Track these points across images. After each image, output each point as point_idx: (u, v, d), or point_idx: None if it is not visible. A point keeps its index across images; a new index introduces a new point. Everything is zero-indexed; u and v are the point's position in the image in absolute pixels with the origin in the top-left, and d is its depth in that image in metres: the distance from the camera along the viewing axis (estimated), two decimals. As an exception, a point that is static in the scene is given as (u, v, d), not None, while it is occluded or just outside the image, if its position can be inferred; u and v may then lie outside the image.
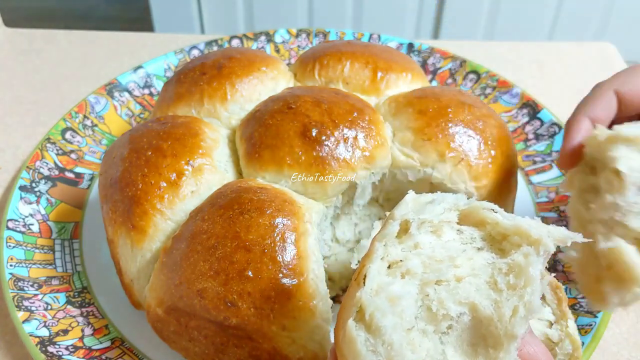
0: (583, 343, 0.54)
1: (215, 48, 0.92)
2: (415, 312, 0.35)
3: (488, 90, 0.86)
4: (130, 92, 0.85)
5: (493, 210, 0.38)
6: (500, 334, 0.34)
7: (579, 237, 0.36)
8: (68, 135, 0.78)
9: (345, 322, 0.34)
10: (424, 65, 0.91)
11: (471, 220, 0.38)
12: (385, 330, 0.33)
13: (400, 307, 0.34)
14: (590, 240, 0.44)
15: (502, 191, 0.61)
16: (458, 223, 0.38)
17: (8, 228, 0.65)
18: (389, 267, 0.36)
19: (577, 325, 0.55)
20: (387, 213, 0.51)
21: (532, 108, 0.82)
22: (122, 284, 0.59)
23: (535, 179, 0.75)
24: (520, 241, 0.36)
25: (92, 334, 0.58)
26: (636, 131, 0.48)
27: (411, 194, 0.38)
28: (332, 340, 0.55)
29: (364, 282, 0.34)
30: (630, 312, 0.63)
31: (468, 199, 0.39)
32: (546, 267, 0.64)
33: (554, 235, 0.36)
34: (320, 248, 0.54)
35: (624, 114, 0.55)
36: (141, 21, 2.17)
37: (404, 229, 0.37)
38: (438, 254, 0.36)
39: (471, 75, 0.88)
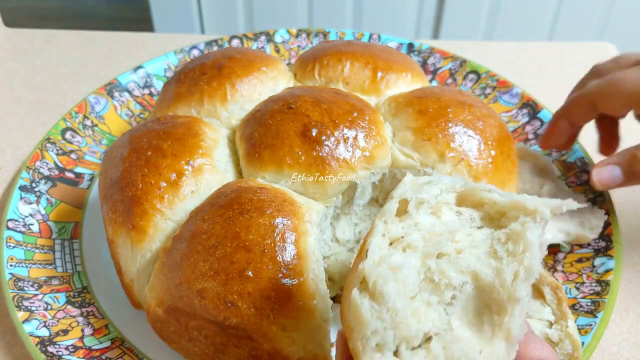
0: (583, 343, 0.54)
1: (215, 48, 0.92)
2: (417, 282, 0.35)
3: (488, 90, 0.86)
4: (130, 92, 0.85)
5: (490, 190, 0.38)
6: (503, 299, 0.34)
7: (573, 205, 0.37)
8: (68, 135, 0.78)
9: (349, 292, 0.34)
10: (424, 65, 0.91)
11: (469, 202, 0.39)
12: (389, 296, 0.33)
13: (402, 275, 0.34)
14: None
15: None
16: (456, 205, 0.39)
17: (8, 228, 0.65)
18: (390, 244, 0.37)
19: (577, 325, 0.55)
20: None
21: (532, 108, 0.82)
22: (122, 284, 0.59)
23: (535, 179, 0.75)
24: (517, 214, 0.37)
25: (92, 334, 0.58)
26: None
27: (409, 175, 0.40)
28: (333, 340, 0.55)
29: (366, 255, 0.35)
30: (630, 312, 0.63)
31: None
32: (546, 268, 0.64)
33: (550, 204, 0.37)
34: (320, 248, 0.54)
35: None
36: (141, 21, 2.17)
37: (403, 208, 0.38)
38: (438, 229, 0.37)
39: (471, 75, 0.88)
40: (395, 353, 0.33)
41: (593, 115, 0.64)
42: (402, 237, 0.37)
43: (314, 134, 0.57)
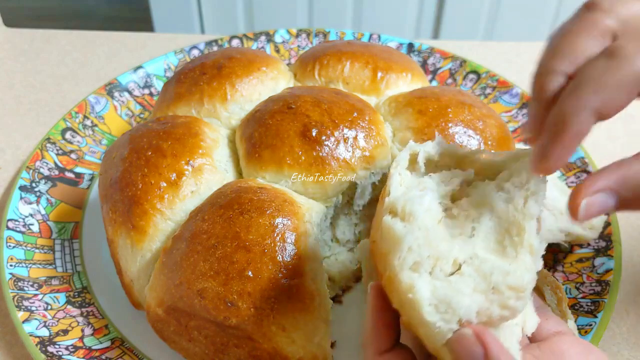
0: (583, 343, 0.54)
1: (215, 48, 0.92)
2: (440, 212, 0.39)
3: (488, 90, 0.86)
4: (130, 92, 0.85)
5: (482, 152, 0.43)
6: (519, 220, 0.37)
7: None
8: (68, 135, 0.78)
9: (378, 225, 0.38)
10: (424, 65, 0.91)
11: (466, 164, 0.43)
12: (418, 214, 0.36)
13: (426, 200, 0.38)
14: None
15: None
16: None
17: (8, 228, 0.65)
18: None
19: (577, 326, 0.55)
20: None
21: (532, 108, 0.82)
22: (122, 284, 0.59)
23: (535, 179, 0.75)
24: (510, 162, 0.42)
25: (92, 334, 0.58)
26: None
27: (411, 142, 0.43)
28: (332, 339, 0.55)
29: (389, 193, 0.38)
30: (630, 312, 0.63)
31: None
32: (546, 268, 0.64)
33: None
34: (320, 248, 0.54)
35: None
36: (141, 21, 2.17)
37: (413, 161, 0.42)
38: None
39: (471, 75, 0.88)
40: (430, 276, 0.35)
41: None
42: (417, 184, 0.40)
43: (314, 134, 0.57)
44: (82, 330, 0.58)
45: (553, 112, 0.38)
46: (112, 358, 0.56)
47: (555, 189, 0.70)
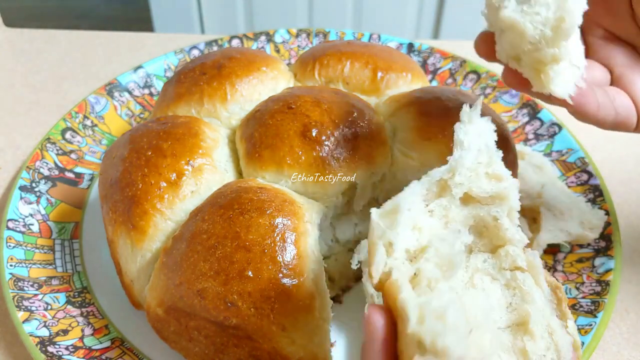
0: (583, 343, 0.54)
1: (215, 48, 0.92)
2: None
3: (488, 90, 0.86)
4: (130, 92, 0.85)
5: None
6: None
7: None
8: (68, 135, 0.78)
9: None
10: (424, 65, 0.91)
11: (442, 191, 0.41)
12: (449, 346, 0.32)
13: (451, 318, 0.33)
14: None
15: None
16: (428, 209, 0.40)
17: (8, 228, 0.65)
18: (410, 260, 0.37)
19: (577, 325, 0.55)
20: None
21: (532, 108, 0.82)
22: (122, 284, 0.59)
23: (535, 179, 0.75)
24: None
25: (92, 334, 0.58)
26: None
27: (374, 211, 0.37)
28: (332, 339, 0.55)
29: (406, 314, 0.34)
30: (630, 312, 0.63)
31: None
32: (546, 268, 0.64)
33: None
34: (320, 248, 0.54)
35: None
36: (141, 21, 2.17)
37: (389, 250, 0.37)
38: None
39: (471, 75, 0.88)
40: None
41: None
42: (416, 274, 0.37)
43: (314, 134, 0.57)
44: (82, 330, 0.58)
45: None
46: (112, 358, 0.56)
47: (555, 189, 0.70)
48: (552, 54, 0.43)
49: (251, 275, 0.48)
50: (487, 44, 0.52)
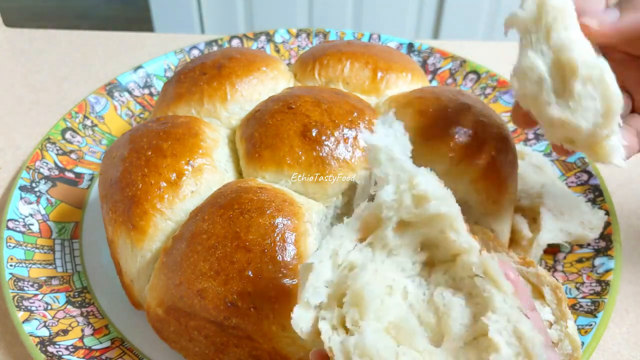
0: (583, 343, 0.54)
1: (215, 48, 0.92)
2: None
3: (488, 90, 0.86)
4: (130, 92, 0.85)
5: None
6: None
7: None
8: (68, 135, 0.78)
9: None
10: (424, 65, 0.91)
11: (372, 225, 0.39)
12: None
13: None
14: None
15: (501, 192, 0.61)
16: (360, 240, 0.39)
17: (8, 228, 0.65)
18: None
19: (577, 325, 0.55)
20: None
21: (532, 108, 0.82)
22: (122, 284, 0.59)
23: (535, 179, 0.75)
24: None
25: (92, 334, 0.58)
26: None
27: (300, 267, 0.38)
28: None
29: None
30: (630, 312, 0.63)
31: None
32: (546, 268, 0.64)
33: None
34: (320, 248, 0.54)
35: None
36: (141, 21, 2.17)
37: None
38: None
39: (471, 75, 0.88)
40: None
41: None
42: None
43: (314, 134, 0.57)
44: (82, 330, 0.58)
45: None
46: (112, 358, 0.56)
47: (555, 189, 0.70)
48: (607, 134, 0.46)
49: (251, 275, 0.48)
50: (524, 117, 0.53)
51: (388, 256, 0.39)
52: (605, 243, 0.64)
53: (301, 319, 0.38)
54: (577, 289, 0.61)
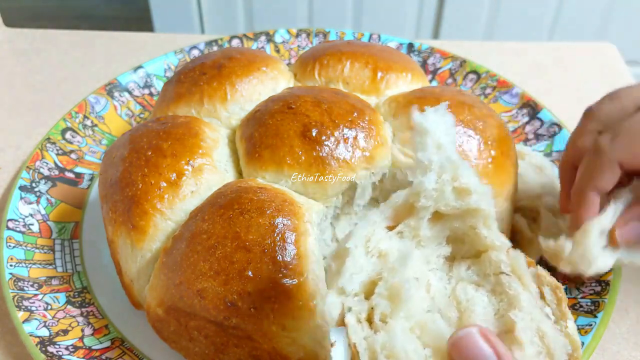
0: (583, 343, 0.54)
1: (215, 48, 0.92)
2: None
3: (488, 90, 0.86)
4: (130, 92, 0.85)
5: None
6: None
7: None
8: (68, 135, 0.78)
9: None
10: (424, 65, 0.91)
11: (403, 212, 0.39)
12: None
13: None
14: None
15: (501, 192, 0.61)
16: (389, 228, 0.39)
17: (8, 228, 0.65)
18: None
19: (577, 325, 0.55)
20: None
21: (532, 108, 0.82)
22: (122, 284, 0.59)
23: (535, 179, 0.75)
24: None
25: (92, 334, 0.58)
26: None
27: (328, 258, 0.37)
28: (332, 340, 0.54)
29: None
30: (630, 312, 0.63)
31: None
32: (547, 268, 0.64)
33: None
34: (320, 248, 0.54)
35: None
36: (141, 21, 2.17)
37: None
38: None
39: (471, 75, 0.88)
40: None
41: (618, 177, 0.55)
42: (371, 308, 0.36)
43: (314, 134, 0.57)
44: (82, 330, 0.58)
45: (572, 194, 0.56)
46: (112, 358, 0.56)
47: (555, 189, 0.70)
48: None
49: (251, 275, 0.48)
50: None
51: (416, 247, 0.38)
52: (605, 243, 0.64)
53: (334, 306, 0.35)
54: (577, 289, 0.61)
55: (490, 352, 0.32)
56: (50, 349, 0.54)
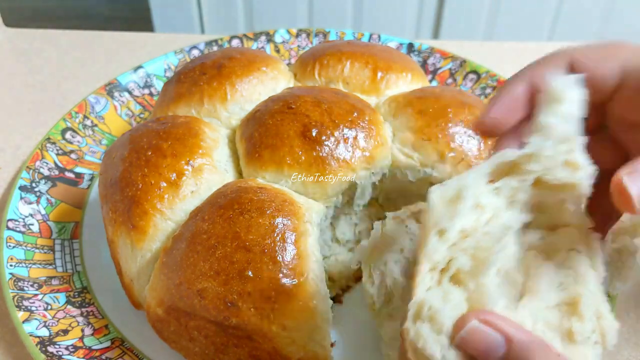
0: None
1: (215, 48, 0.92)
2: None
3: (488, 90, 0.86)
4: (130, 92, 0.85)
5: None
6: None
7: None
8: (68, 135, 0.78)
9: None
10: (424, 65, 0.91)
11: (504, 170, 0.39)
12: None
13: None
14: None
15: (502, 191, 0.61)
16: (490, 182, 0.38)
17: (8, 228, 0.65)
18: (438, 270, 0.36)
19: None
20: (387, 213, 0.51)
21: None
22: (122, 284, 0.59)
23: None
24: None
25: (92, 334, 0.58)
26: None
27: (435, 192, 0.36)
28: (333, 339, 0.55)
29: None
30: (630, 312, 0.63)
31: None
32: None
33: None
34: (320, 248, 0.54)
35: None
36: (141, 21, 2.17)
37: (441, 237, 0.36)
38: (483, 235, 0.36)
39: (471, 75, 0.88)
40: None
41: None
42: (450, 261, 0.36)
43: (314, 134, 0.57)
44: (82, 330, 0.58)
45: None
46: (112, 358, 0.56)
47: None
48: None
49: (251, 275, 0.48)
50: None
51: (507, 207, 0.38)
52: (605, 243, 0.64)
53: (436, 251, 0.35)
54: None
55: (499, 337, 0.31)
56: (50, 349, 0.54)
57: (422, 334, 0.33)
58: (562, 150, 0.37)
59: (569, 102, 0.38)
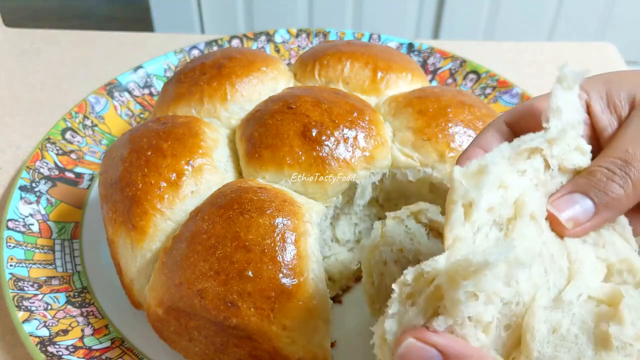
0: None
1: (215, 48, 0.92)
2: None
3: (488, 90, 0.86)
4: (130, 92, 0.85)
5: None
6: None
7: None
8: (68, 135, 0.78)
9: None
10: (424, 65, 0.91)
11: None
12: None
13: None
14: None
15: (502, 191, 0.61)
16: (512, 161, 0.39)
17: (8, 228, 0.65)
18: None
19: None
20: (387, 213, 0.51)
21: (532, 108, 0.82)
22: (122, 284, 0.59)
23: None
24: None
25: (92, 334, 0.58)
26: None
27: (457, 169, 0.35)
28: (332, 339, 0.55)
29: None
30: (630, 312, 0.63)
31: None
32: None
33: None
34: (320, 248, 0.54)
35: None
36: (141, 21, 2.18)
37: (467, 211, 0.35)
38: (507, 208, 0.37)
39: (471, 75, 0.88)
40: None
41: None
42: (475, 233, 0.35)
43: (314, 134, 0.57)
44: (82, 330, 0.58)
45: None
46: (112, 358, 0.56)
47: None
48: None
49: (251, 275, 0.48)
50: None
51: (534, 189, 0.39)
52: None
53: (457, 222, 0.34)
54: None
55: (435, 352, 0.32)
56: (50, 349, 0.54)
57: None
58: (573, 135, 0.40)
59: (575, 95, 0.41)
